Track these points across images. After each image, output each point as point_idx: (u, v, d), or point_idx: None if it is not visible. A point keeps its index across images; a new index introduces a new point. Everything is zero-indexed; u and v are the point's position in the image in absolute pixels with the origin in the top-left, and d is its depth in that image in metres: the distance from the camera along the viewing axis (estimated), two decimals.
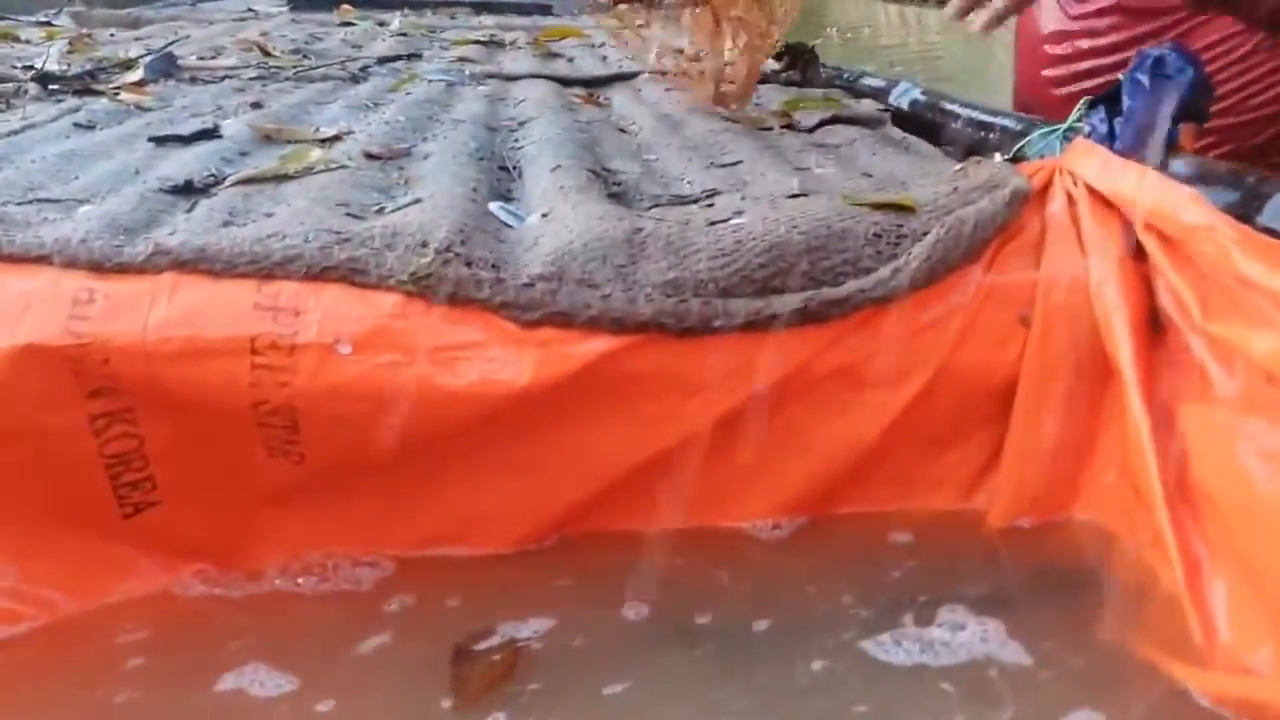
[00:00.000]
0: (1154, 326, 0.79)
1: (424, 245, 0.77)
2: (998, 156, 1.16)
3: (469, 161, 1.04)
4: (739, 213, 0.87)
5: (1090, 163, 0.87)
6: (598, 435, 0.80)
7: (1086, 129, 0.99)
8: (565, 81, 1.68)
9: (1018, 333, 0.82)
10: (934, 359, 0.81)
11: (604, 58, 2.13)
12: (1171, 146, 0.95)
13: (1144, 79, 0.99)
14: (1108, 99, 1.03)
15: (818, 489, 0.84)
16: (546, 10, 3.54)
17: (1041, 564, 0.79)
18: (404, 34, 2.29)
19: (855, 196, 0.88)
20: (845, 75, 1.90)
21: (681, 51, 1.84)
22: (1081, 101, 1.07)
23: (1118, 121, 0.96)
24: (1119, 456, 0.79)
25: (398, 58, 1.82)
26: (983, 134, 1.31)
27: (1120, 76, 1.04)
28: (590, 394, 0.78)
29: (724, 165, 1.09)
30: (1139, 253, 0.81)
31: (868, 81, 1.79)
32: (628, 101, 1.54)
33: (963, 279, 0.81)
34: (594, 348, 0.76)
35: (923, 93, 1.55)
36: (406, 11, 3.01)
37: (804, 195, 0.91)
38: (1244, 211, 0.76)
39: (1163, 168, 0.90)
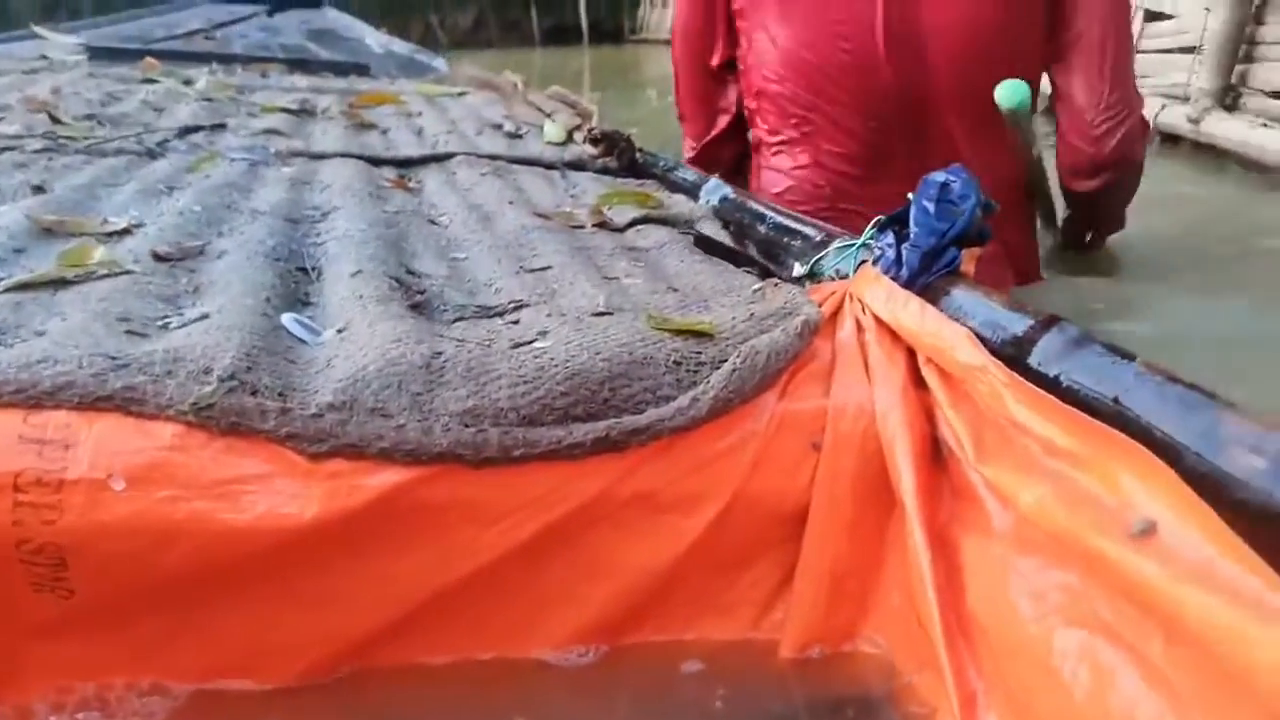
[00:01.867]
0: (936, 455, 0.83)
1: (207, 372, 0.74)
2: (796, 267, 1.20)
3: (265, 263, 1.01)
4: (543, 333, 0.87)
5: (877, 292, 0.91)
6: (391, 566, 0.78)
7: (877, 251, 1.04)
8: (376, 161, 1.65)
9: (809, 459, 0.84)
10: (729, 485, 0.83)
11: (419, 130, 2.12)
12: (954, 272, 1.00)
13: (929, 205, 1.04)
14: (896, 221, 1.08)
15: (618, 615, 0.84)
16: (364, 70, 3.51)
17: (824, 697, 0.80)
18: (209, 98, 2.21)
19: (659, 318, 0.89)
20: (661, 164, 1.93)
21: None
22: (875, 220, 1.12)
23: (905, 247, 1.01)
24: (905, 583, 0.82)
25: (200, 128, 1.76)
26: (785, 239, 1.36)
27: (909, 197, 1.09)
28: (382, 525, 0.76)
29: (533, 270, 1.09)
30: (922, 382, 0.85)
31: (681, 174, 1.83)
32: (440, 187, 1.53)
33: (757, 407, 0.83)
34: (386, 479, 0.74)
35: (732, 191, 1.59)
36: (215, 67, 2.92)
37: (609, 314, 0.92)
38: (1016, 351, 0.81)
39: (944, 296, 0.95)
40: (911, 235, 1.02)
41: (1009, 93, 1.64)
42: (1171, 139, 3.60)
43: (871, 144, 1.77)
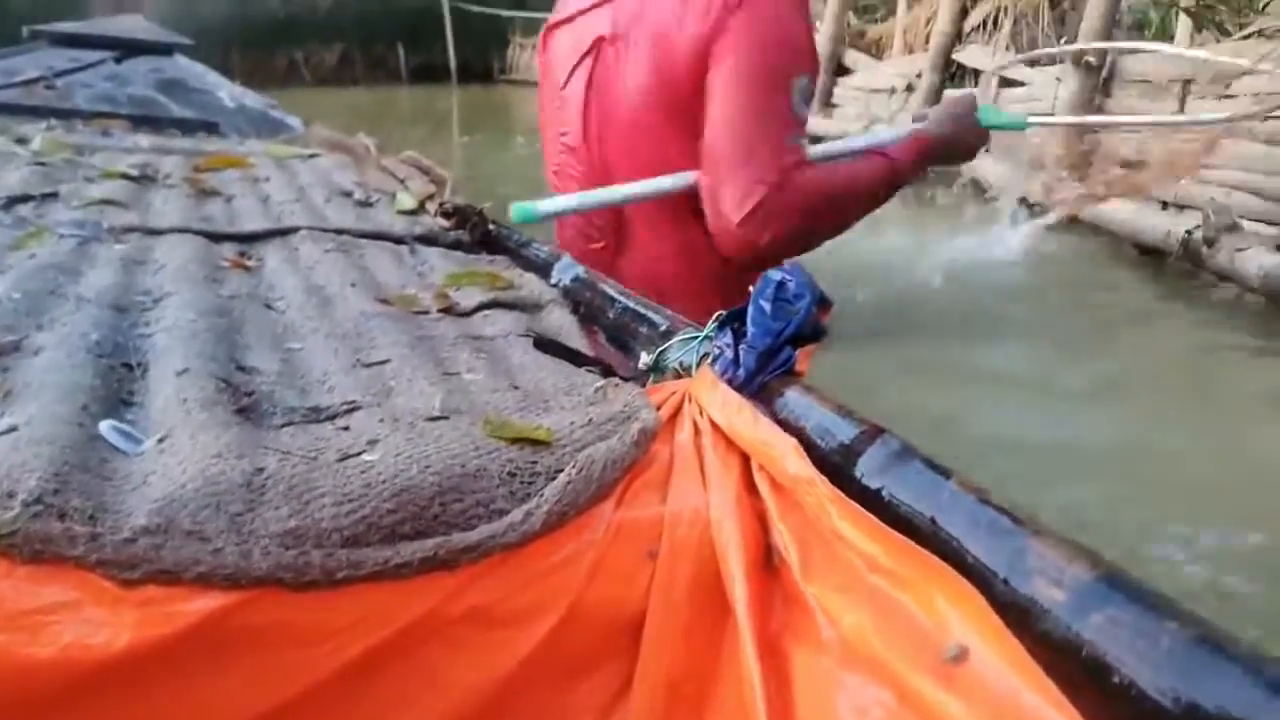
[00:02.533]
0: (769, 562, 0.84)
1: (10, 496, 0.70)
2: (643, 357, 1.21)
3: (86, 360, 0.97)
4: (373, 442, 0.85)
5: (714, 395, 0.92)
6: (212, 690, 0.74)
7: (716, 350, 1.05)
8: (216, 237, 1.60)
9: (646, 567, 0.84)
10: (566, 596, 0.82)
11: (266, 198, 2.07)
12: (789, 372, 1.03)
13: (766, 305, 1.06)
14: (735, 318, 1.09)
15: None
16: (213, 128, 3.42)
17: None
18: (43, 161, 2.12)
19: (496, 423, 0.88)
20: (514, 239, 1.93)
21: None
22: (717, 314, 1.14)
23: (742, 347, 1.02)
24: (740, 690, 0.82)
25: (29, 198, 1.68)
26: (633, 324, 1.37)
27: (751, 290, 1.11)
28: (202, 650, 0.73)
29: (370, 365, 1.07)
30: (757, 488, 0.86)
31: (535, 250, 1.82)
32: (281, 265, 1.49)
33: (594, 517, 0.83)
34: (203, 605, 0.71)
35: (584, 271, 1.60)
36: (53, 123, 2.81)
37: (445, 418, 0.91)
38: (843, 460, 0.83)
39: (779, 397, 0.97)
40: (749, 335, 1.04)
41: (515, 213, 2.20)
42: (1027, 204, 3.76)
43: (593, 223, 2.29)
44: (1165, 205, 3.15)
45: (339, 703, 0.79)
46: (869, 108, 5.34)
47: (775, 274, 1.10)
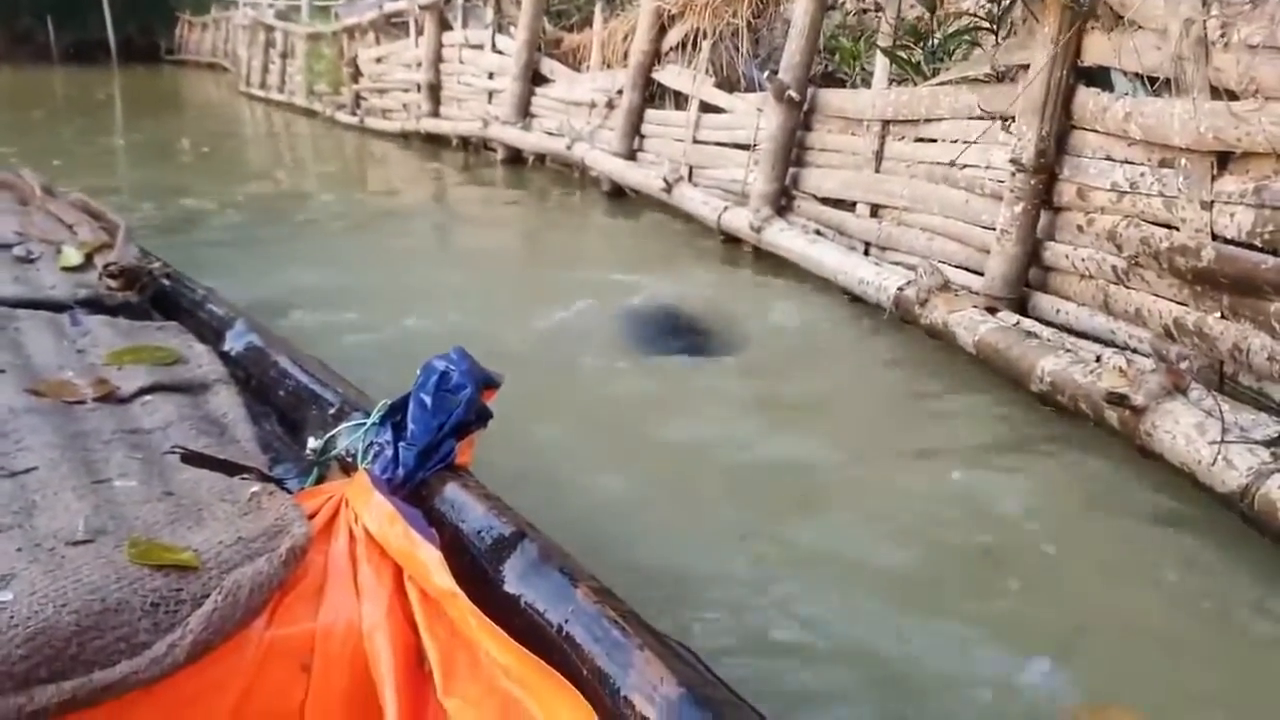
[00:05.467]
0: (423, 665, 0.88)
1: None
2: (310, 441, 1.22)
3: None
4: (9, 577, 0.83)
5: (370, 504, 0.95)
6: None
7: (376, 448, 1.08)
8: None
9: (300, 681, 0.86)
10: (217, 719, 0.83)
11: None
12: (450, 465, 1.07)
13: (427, 399, 1.09)
14: (398, 410, 1.12)
15: None
16: None
17: None
18: None
19: (141, 547, 0.88)
20: (188, 296, 1.87)
21: None
22: (382, 403, 1.16)
23: (402, 445, 1.05)
24: None
25: None
26: (306, 404, 1.37)
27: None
28: None
29: (15, 474, 1.03)
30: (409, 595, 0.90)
31: (210, 309, 1.78)
32: None
33: (243, 640, 0.84)
34: None
35: (259, 339, 1.58)
36: None
37: (90, 541, 0.89)
38: (490, 562, 0.88)
39: (438, 494, 1.01)
40: (409, 432, 1.07)
41: None
42: (734, 240, 3.75)
43: None
44: (868, 250, 3.23)
45: None
46: (569, 120, 5.32)
47: (438, 364, 1.14)
